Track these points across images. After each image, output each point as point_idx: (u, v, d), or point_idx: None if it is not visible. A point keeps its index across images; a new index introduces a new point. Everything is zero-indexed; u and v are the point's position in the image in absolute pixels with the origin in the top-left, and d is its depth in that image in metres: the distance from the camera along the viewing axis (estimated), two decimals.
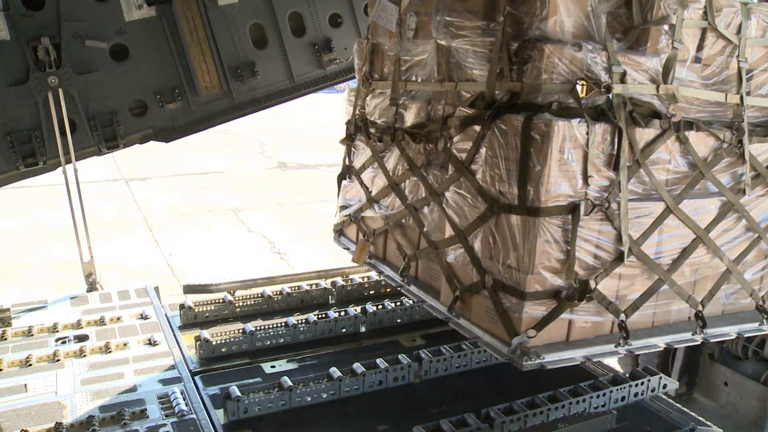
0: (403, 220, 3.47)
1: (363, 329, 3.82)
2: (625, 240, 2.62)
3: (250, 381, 3.21)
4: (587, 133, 2.49)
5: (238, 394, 2.88)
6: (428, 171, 3.23)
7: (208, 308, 3.90)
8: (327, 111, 26.55)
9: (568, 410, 2.93)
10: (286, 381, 2.99)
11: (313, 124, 22.57)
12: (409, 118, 3.35)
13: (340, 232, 4.16)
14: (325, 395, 3.04)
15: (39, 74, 3.96)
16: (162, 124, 4.42)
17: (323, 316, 3.77)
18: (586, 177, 2.53)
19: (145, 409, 2.84)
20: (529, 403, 2.92)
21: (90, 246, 4.29)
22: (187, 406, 2.88)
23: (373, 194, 3.71)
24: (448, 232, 3.01)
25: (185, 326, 3.81)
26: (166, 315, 3.90)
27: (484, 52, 2.79)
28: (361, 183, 3.83)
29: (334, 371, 3.10)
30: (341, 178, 4.08)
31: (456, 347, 3.42)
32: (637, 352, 2.82)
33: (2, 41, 3.86)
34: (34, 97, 4.01)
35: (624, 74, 2.57)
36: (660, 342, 2.78)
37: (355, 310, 3.86)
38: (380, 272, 3.69)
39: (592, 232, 2.58)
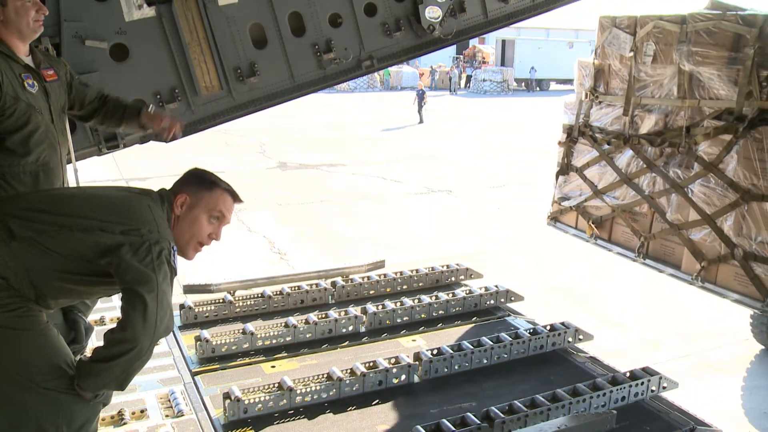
0: (636, 208, 4.33)
1: (363, 329, 3.81)
2: None
3: (250, 381, 3.21)
4: None
5: (238, 394, 2.88)
6: (667, 169, 4.08)
7: (208, 308, 3.90)
8: (327, 111, 26.56)
9: (568, 410, 2.93)
10: (286, 381, 2.99)
11: (314, 124, 22.57)
12: (645, 126, 4.22)
13: (555, 219, 5.08)
14: (325, 395, 3.04)
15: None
16: None
17: (323, 316, 3.77)
18: None
19: (145, 409, 2.83)
20: (529, 402, 2.92)
21: None
22: (187, 406, 2.88)
23: (599, 187, 4.59)
24: (693, 216, 3.92)
25: (185, 326, 3.81)
26: None
27: (731, 77, 3.61)
28: (584, 178, 4.72)
29: (334, 371, 3.10)
30: (559, 174, 4.94)
31: (456, 347, 3.42)
32: None
33: None
34: None
35: None
36: None
37: (355, 310, 3.86)
38: (609, 250, 4.54)
39: None
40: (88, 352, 2.77)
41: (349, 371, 3.14)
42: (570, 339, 3.71)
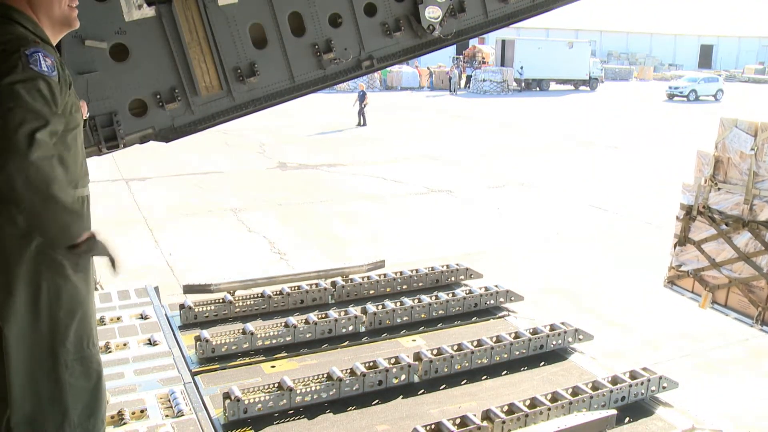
0: (753, 282, 4.91)
1: (363, 329, 3.82)
2: None
3: (250, 381, 3.20)
4: None
5: (238, 394, 2.88)
6: None
7: (208, 308, 3.90)
8: (327, 111, 26.56)
9: (568, 410, 2.93)
10: (286, 381, 2.99)
11: (314, 124, 22.57)
12: (764, 214, 4.82)
13: (672, 282, 5.63)
14: (325, 395, 3.04)
15: None
16: (162, 124, 4.41)
17: (323, 316, 3.77)
18: None
19: (145, 409, 2.84)
20: (529, 402, 2.92)
21: None
22: (187, 406, 2.88)
23: (716, 260, 5.17)
24: None
25: (185, 326, 3.81)
26: (166, 315, 3.89)
27: None
28: (701, 251, 5.31)
29: (334, 371, 3.10)
30: (677, 245, 5.56)
31: (456, 347, 3.42)
32: None
33: None
34: None
35: None
36: None
37: (355, 310, 3.86)
38: (725, 315, 5.13)
39: None
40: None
41: (349, 371, 3.14)
42: (570, 339, 3.71)
